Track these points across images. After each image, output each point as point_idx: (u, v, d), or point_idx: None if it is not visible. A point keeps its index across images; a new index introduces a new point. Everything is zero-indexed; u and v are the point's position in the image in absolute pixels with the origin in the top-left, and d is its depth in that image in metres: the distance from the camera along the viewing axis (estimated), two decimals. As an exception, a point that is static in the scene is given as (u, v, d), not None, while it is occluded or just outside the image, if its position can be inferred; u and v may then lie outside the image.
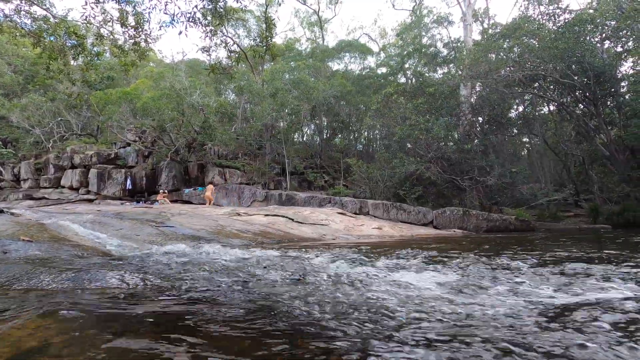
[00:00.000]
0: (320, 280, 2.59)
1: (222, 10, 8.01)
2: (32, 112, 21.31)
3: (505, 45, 13.98)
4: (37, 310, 1.57)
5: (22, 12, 9.21)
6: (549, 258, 3.89)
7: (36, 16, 9.56)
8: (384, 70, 24.34)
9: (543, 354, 1.29)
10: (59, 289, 2.10)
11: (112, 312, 1.70)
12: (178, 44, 65.94)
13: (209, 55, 9.56)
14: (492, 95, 13.94)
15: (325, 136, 22.79)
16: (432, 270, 2.97)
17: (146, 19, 8.57)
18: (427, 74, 20.87)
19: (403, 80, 23.29)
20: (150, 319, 1.62)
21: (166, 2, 7.77)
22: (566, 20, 13.14)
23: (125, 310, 1.73)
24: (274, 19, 9.59)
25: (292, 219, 9.09)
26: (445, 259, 3.69)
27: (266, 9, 19.51)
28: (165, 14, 7.93)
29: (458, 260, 3.57)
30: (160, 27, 13.20)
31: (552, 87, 13.97)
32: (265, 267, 3.09)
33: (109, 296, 1.99)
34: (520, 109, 18.06)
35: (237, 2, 7.82)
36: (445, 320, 1.70)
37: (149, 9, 8.12)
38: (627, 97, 12.82)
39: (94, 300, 1.90)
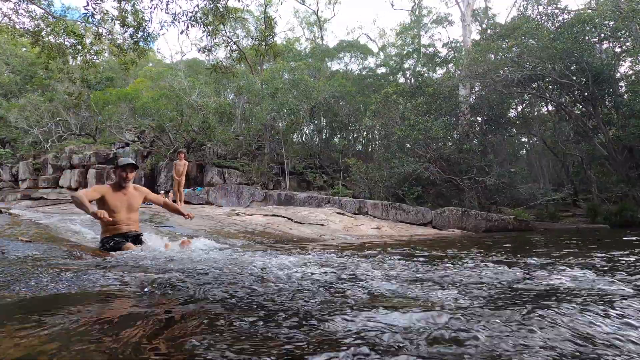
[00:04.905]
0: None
1: (223, 9, 8.00)
2: (30, 112, 21.24)
3: (504, 46, 13.99)
4: (32, 315, 1.56)
5: (21, 11, 9.19)
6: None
7: (34, 15, 9.54)
8: (383, 70, 24.37)
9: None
10: (56, 290, 2.08)
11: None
12: (177, 43, 65.86)
13: (209, 55, 9.56)
14: (491, 95, 13.95)
15: (324, 136, 22.77)
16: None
17: (147, 19, 8.56)
18: (426, 74, 20.91)
19: (402, 80, 23.33)
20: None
21: (167, 1, 7.76)
22: (565, 21, 13.17)
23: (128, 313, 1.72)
24: (274, 17, 9.60)
25: (291, 219, 9.09)
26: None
27: (265, 8, 19.53)
28: (167, 13, 7.92)
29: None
30: (161, 26, 13.20)
31: (550, 87, 14.00)
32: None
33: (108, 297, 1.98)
34: (519, 109, 18.13)
35: (238, 1, 7.82)
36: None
37: (151, 8, 8.11)
38: (625, 97, 12.85)
39: (92, 303, 1.89)
